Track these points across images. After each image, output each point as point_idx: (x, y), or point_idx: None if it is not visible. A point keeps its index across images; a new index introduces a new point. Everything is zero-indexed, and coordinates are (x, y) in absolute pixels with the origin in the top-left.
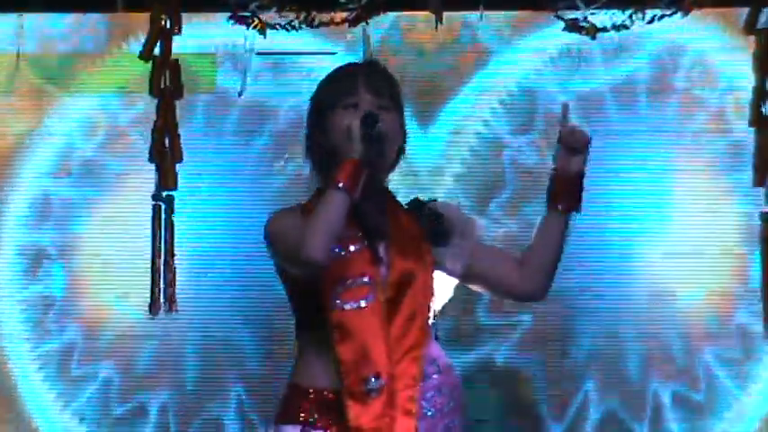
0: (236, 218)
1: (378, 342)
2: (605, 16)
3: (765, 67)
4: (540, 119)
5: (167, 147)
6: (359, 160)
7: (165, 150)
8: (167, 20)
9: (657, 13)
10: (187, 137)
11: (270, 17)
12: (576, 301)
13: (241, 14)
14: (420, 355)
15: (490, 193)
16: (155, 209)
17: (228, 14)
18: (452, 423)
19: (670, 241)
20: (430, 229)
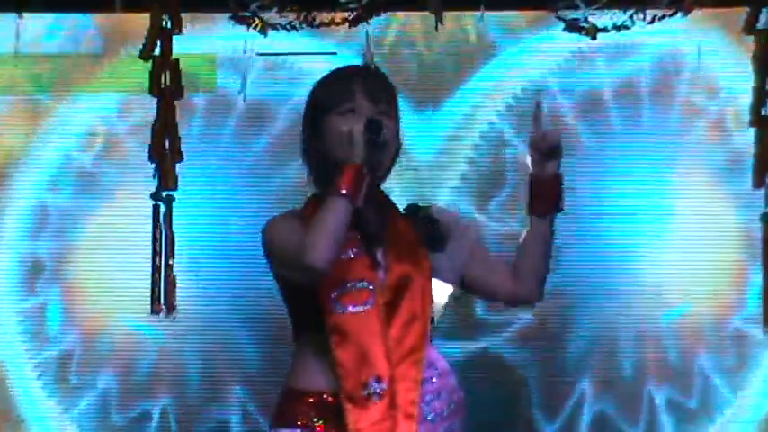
0: (236, 218)
1: (377, 345)
2: (606, 16)
3: (765, 68)
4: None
5: (167, 147)
6: (360, 166)
7: (164, 151)
8: (167, 20)
9: (658, 13)
10: (187, 138)
11: (270, 17)
12: (573, 302)
13: (241, 14)
14: (420, 357)
15: (491, 191)
16: (154, 209)
17: (229, 15)
18: (453, 426)
19: (669, 244)
20: (426, 235)
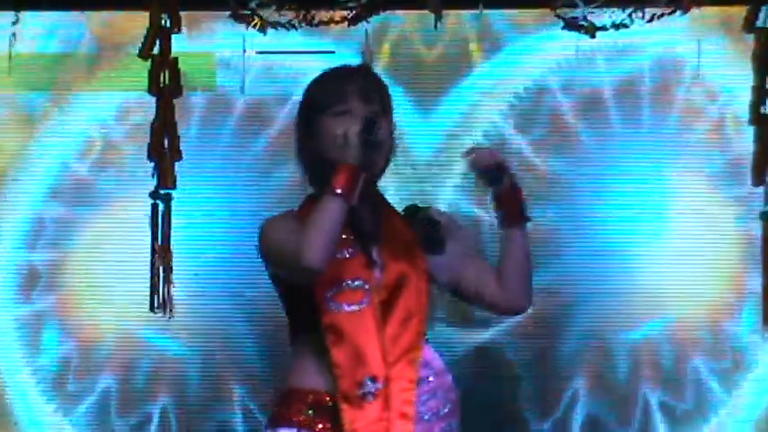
0: (235, 217)
1: (372, 344)
2: (605, 15)
3: (765, 66)
4: (545, 118)
5: (166, 146)
6: (356, 166)
7: (163, 149)
8: (166, 19)
9: (657, 11)
10: (185, 136)
11: (269, 15)
12: (571, 300)
13: (241, 12)
14: (416, 357)
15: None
16: (153, 207)
17: (228, 13)
18: (449, 427)
19: (667, 244)
20: (424, 236)
